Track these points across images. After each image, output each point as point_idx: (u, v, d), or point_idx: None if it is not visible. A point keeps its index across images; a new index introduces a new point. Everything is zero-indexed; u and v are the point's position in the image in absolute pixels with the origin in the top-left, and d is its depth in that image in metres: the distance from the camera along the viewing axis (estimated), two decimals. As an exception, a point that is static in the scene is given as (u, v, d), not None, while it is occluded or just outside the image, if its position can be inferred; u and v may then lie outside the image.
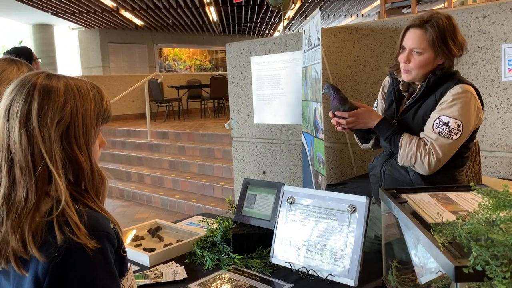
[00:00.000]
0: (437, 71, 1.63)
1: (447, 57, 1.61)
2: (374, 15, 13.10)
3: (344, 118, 1.70)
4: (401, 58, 1.66)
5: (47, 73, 0.91)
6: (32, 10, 10.08)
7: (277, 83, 3.55)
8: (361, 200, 1.38)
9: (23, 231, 0.81)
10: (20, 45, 4.58)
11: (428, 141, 1.59)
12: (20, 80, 0.89)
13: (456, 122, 1.55)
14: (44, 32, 12.24)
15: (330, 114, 1.77)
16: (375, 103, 1.96)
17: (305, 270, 1.41)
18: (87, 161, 0.89)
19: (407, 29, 1.65)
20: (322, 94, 1.87)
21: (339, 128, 1.75)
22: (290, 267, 1.45)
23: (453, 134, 1.55)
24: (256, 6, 10.96)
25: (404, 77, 1.68)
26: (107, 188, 0.95)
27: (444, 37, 1.58)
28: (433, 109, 1.62)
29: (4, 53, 3.89)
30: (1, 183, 0.85)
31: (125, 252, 0.93)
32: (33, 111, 0.85)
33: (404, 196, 1.25)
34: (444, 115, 1.57)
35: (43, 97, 0.86)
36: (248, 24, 13.75)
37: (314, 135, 2.84)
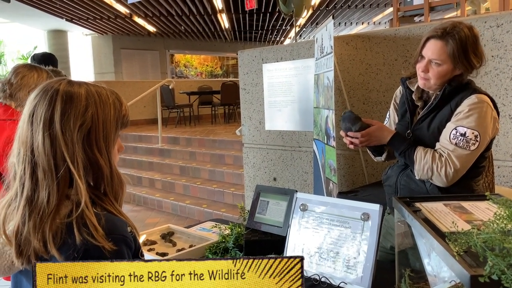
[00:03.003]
0: (453, 81, 1.62)
1: (466, 69, 1.60)
2: (385, 23, 13.10)
3: (356, 138, 1.70)
4: (419, 66, 1.65)
5: (68, 80, 0.94)
6: (47, 16, 10.25)
7: (288, 90, 3.57)
8: (374, 208, 1.39)
9: (44, 232, 0.84)
10: (39, 51, 4.69)
11: (444, 153, 1.57)
12: (43, 86, 0.92)
13: (473, 133, 1.54)
14: (58, 38, 12.43)
15: (342, 133, 1.76)
16: (387, 114, 1.96)
17: (317, 277, 1.42)
18: (107, 164, 0.92)
19: (428, 39, 1.63)
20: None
21: (351, 147, 1.75)
22: (302, 274, 1.46)
23: (470, 144, 1.54)
24: (268, 14, 11.03)
25: (421, 84, 1.67)
26: (125, 192, 0.97)
27: (466, 49, 1.56)
28: (448, 119, 1.61)
29: (30, 58, 4.01)
30: (24, 185, 0.87)
31: (142, 255, 0.95)
32: (56, 116, 0.88)
33: (417, 204, 1.25)
34: (461, 126, 1.56)
35: (66, 102, 0.89)
36: (260, 31, 13.83)
37: (325, 142, 2.84)
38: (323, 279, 1.40)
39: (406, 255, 1.33)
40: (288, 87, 3.56)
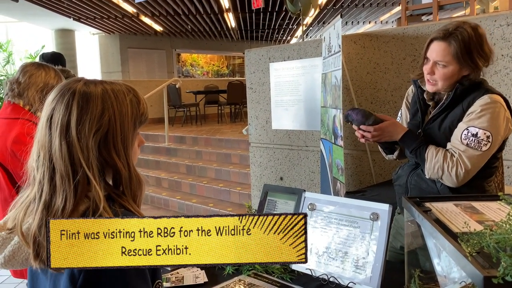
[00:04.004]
0: (465, 81, 1.60)
1: (472, 69, 1.58)
2: (392, 22, 13.03)
3: (369, 131, 1.69)
4: (425, 69, 1.63)
5: (85, 80, 0.94)
6: (54, 15, 10.31)
7: (295, 89, 3.55)
8: (383, 208, 1.38)
9: None
10: (50, 51, 4.74)
11: (456, 153, 1.56)
12: (60, 88, 0.92)
13: (485, 133, 1.52)
14: (65, 37, 12.49)
15: (355, 126, 1.74)
16: (399, 112, 1.94)
17: (326, 277, 1.41)
18: (125, 167, 0.92)
19: (431, 41, 1.61)
20: (346, 122, 1.84)
21: (362, 140, 1.73)
22: (310, 273, 1.45)
23: (482, 145, 1.52)
24: (275, 13, 11.01)
25: (429, 88, 1.66)
26: (144, 192, 0.97)
27: (469, 50, 1.54)
28: (460, 119, 1.59)
29: (39, 56, 4.06)
30: (43, 190, 0.88)
31: None
32: (72, 122, 0.87)
33: (428, 204, 1.24)
34: (472, 126, 1.54)
35: (82, 107, 0.88)
36: (266, 30, 13.82)
37: (333, 141, 2.83)
38: (331, 279, 1.39)
39: (415, 255, 1.32)
40: (295, 86, 3.55)
